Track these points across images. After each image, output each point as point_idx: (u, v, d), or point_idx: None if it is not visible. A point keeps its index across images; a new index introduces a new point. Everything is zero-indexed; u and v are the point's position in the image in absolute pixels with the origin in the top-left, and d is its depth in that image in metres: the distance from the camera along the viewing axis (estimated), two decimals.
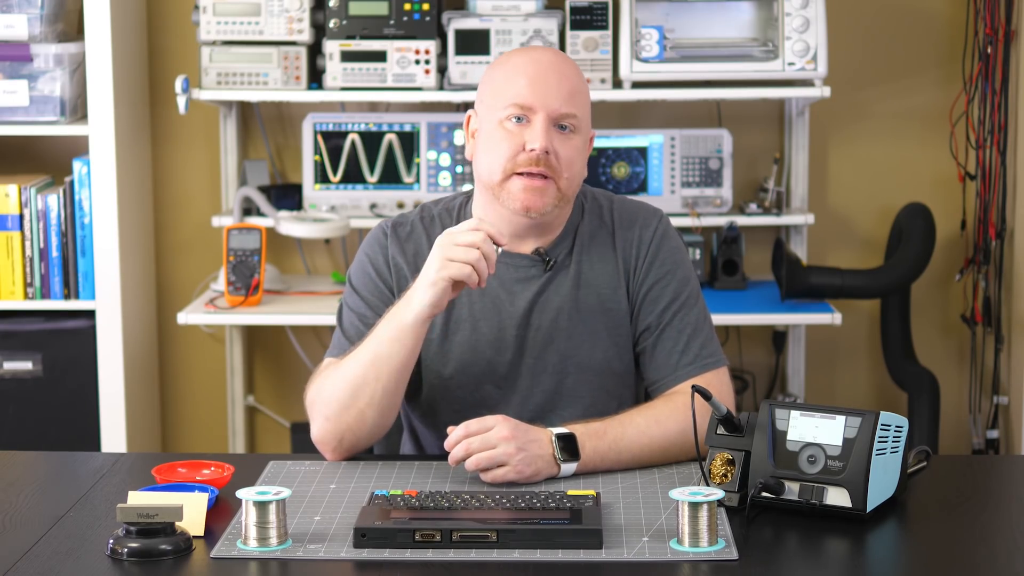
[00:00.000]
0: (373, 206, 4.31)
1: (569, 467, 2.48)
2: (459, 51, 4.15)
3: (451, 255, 2.46)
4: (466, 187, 4.29)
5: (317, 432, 2.59)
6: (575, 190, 2.65)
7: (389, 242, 2.71)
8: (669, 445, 2.54)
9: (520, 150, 2.58)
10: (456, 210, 2.74)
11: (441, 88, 4.19)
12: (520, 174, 2.58)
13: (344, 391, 2.55)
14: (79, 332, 4.16)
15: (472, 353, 2.67)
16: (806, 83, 4.17)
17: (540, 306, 2.67)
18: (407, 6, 4.17)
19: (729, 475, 2.37)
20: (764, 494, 2.30)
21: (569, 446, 2.48)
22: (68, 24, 4.20)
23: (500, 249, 2.50)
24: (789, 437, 2.33)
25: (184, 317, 4.11)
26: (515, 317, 2.66)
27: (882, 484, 2.31)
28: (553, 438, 2.48)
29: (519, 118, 2.59)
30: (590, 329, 2.66)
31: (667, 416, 2.55)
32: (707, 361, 2.65)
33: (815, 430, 2.32)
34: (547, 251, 2.68)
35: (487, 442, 2.43)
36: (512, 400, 2.66)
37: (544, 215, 2.61)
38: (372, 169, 4.33)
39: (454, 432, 2.46)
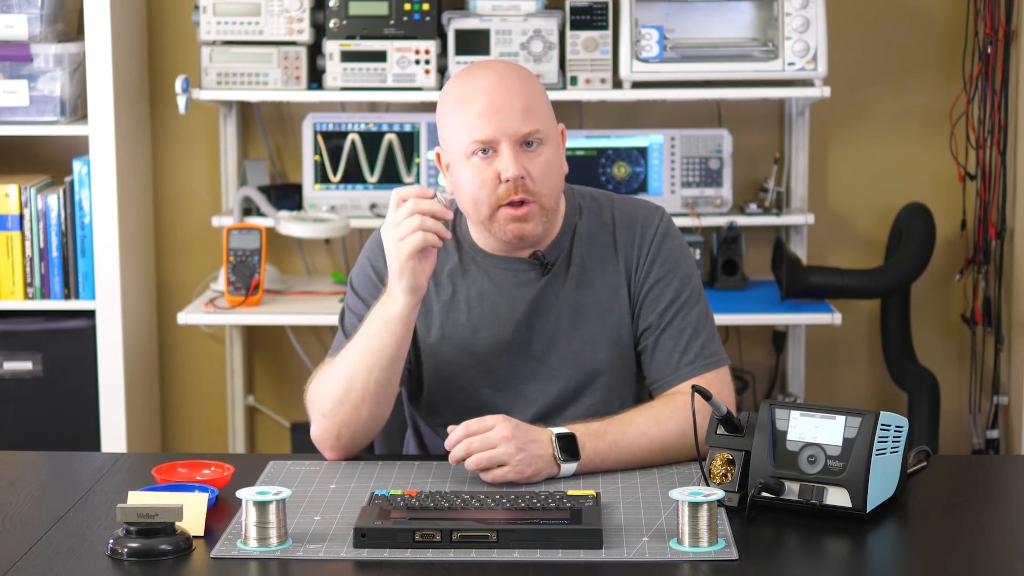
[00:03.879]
0: (373, 206, 4.31)
1: (569, 467, 2.48)
2: (459, 51, 4.15)
3: (397, 236, 2.47)
4: None
5: (315, 431, 2.60)
6: (558, 197, 2.63)
7: None
8: (669, 445, 2.54)
9: (496, 182, 2.56)
10: (454, 212, 2.73)
11: (441, 88, 4.19)
12: (504, 204, 2.58)
13: (338, 387, 2.55)
14: (79, 332, 4.16)
15: (471, 358, 2.66)
16: (806, 83, 4.18)
17: (540, 309, 2.66)
18: (407, 6, 4.17)
19: (729, 475, 2.37)
20: (764, 494, 2.30)
21: (569, 446, 2.48)
22: (68, 24, 4.20)
23: (440, 196, 2.49)
24: (789, 437, 2.33)
25: (184, 317, 4.11)
26: (514, 321, 2.66)
27: (882, 484, 2.31)
28: (553, 438, 2.48)
29: (485, 150, 2.57)
30: (591, 330, 2.66)
31: (667, 416, 2.55)
32: (708, 361, 2.64)
33: (815, 430, 2.32)
34: (544, 254, 2.67)
35: (487, 442, 2.43)
36: (514, 403, 2.66)
37: (536, 236, 2.61)
38: (372, 169, 4.33)
39: (454, 432, 2.46)
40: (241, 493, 2.20)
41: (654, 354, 2.66)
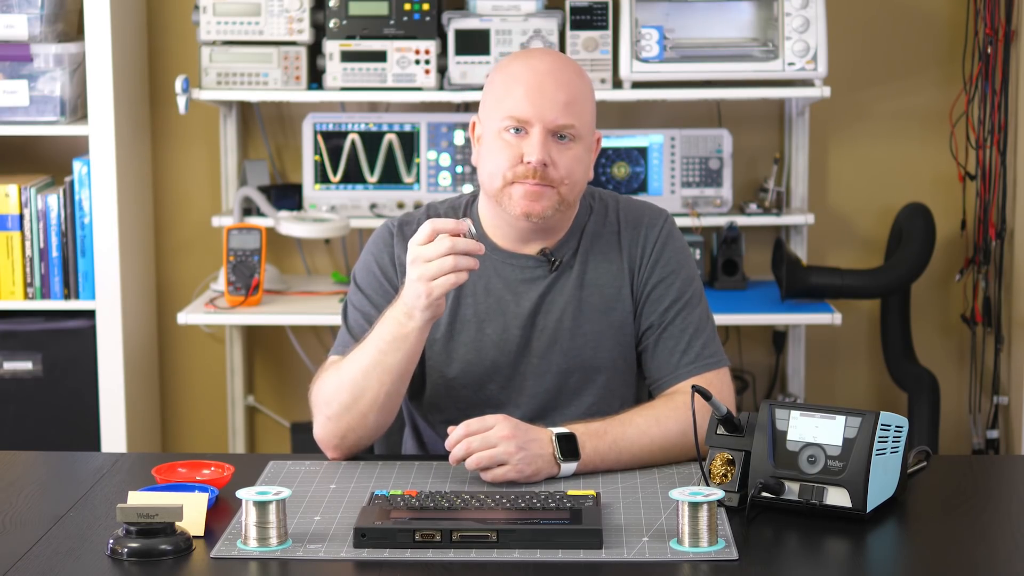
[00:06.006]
0: (373, 206, 4.31)
1: (569, 467, 2.48)
2: (459, 51, 4.15)
3: (430, 273, 2.43)
4: (466, 187, 4.29)
5: (319, 431, 2.60)
6: (577, 195, 2.65)
7: (395, 241, 2.71)
8: (669, 445, 2.54)
9: (519, 161, 2.58)
10: (462, 208, 2.74)
11: (441, 88, 4.19)
12: (519, 181, 2.59)
13: (346, 394, 2.55)
14: (79, 332, 4.16)
15: (476, 353, 2.67)
16: (806, 83, 4.18)
17: (545, 306, 2.67)
18: (407, 6, 4.17)
19: (729, 475, 2.37)
20: (764, 494, 2.30)
21: (569, 446, 2.48)
22: (68, 24, 4.20)
23: (473, 230, 2.46)
24: (789, 437, 2.33)
25: (184, 317, 4.11)
26: (520, 317, 2.67)
27: (882, 484, 2.31)
28: (553, 438, 2.48)
29: (517, 129, 2.59)
30: (594, 329, 2.67)
31: (667, 416, 2.56)
32: (708, 361, 2.65)
33: (815, 430, 2.32)
34: (552, 251, 2.68)
35: (487, 441, 2.43)
36: (516, 399, 2.66)
37: (545, 219, 2.62)
38: (372, 169, 4.33)
39: (454, 431, 2.46)
40: (241, 493, 2.20)
41: (655, 353, 2.67)
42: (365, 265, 2.73)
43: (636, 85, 4.18)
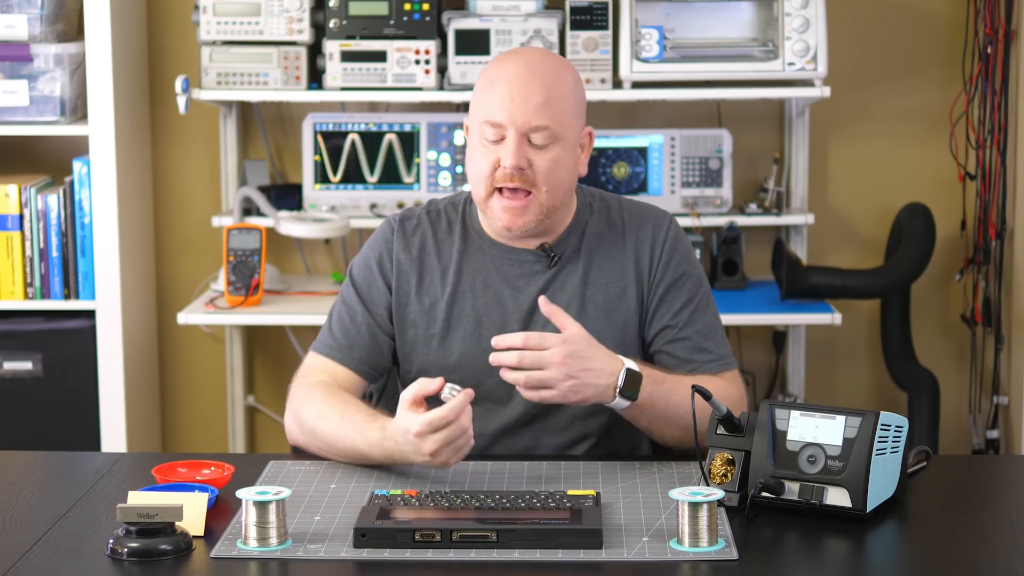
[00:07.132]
0: (373, 206, 4.31)
1: (623, 403, 2.49)
2: (459, 51, 4.15)
3: (456, 451, 2.39)
4: (466, 187, 4.29)
5: (289, 433, 2.65)
6: (562, 197, 2.64)
7: (395, 237, 2.73)
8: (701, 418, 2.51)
9: (497, 166, 2.59)
10: (461, 205, 2.75)
11: (441, 88, 4.19)
12: (500, 189, 2.60)
13: (318, 445, 2.58)
14: (79, 332, 4.16)
15: (475, 348, 2.67)
16: (806, 83, 4.18)
17: None
18: (407, 6, 4.17)
19: (729, 475, 2.37)
20: (764, 494, 2.31)
21: (633, 383, 2.48)
22: (68, 24, 4.20)
23: (457, 388, 2.40)
24: (789, 437, 2.33)
25: (184, 317, 4.11)
26: (520, 312, 2.67)
27: (882, 484, 2.31)
28: (623, 372, 2.48)
29: (494, 133, 2.60)
30: (596, 327, 2.66)
31: (715, 386, 2.52)
32: (725, 360, 2.67)
33: (815, 430, 2.32)
34: (552, 246, 2.69)
35: (540, 361, 2.44)
36: (515, 396, 2.66)
37: (528, 230, 2.62)
38: (372, 169, 4.33)
39: (509, 336, 2.46)
40: (241, 493, 2.20)
41: (671, 354, 2.67)
42: (364, 260, 2.75)
43: (636, 85, 4.18)
